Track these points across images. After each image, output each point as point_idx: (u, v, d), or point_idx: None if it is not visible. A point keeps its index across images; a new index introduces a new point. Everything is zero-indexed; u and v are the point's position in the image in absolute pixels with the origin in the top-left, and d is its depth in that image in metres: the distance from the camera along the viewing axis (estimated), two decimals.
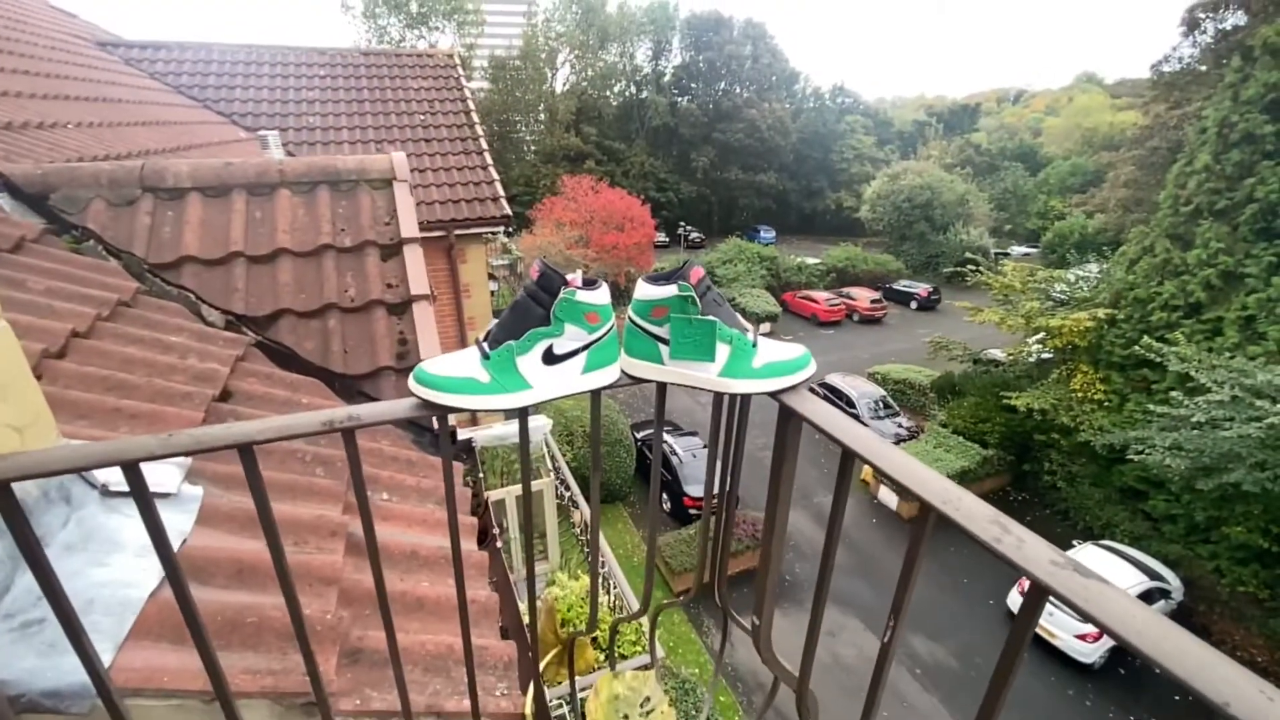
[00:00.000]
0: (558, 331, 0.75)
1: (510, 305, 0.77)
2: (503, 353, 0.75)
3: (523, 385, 0.76)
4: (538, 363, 0.76)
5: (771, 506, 0.86)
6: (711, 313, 0.77)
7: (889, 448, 0.66)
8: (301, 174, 2.55)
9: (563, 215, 21.21)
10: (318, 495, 1.45)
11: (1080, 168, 40.30)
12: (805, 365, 0.80)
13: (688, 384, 0.80)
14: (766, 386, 0.78)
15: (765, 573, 0.89)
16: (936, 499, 0.57)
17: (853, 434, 0.69)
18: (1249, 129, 10.57)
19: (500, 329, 0.77)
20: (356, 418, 0.70)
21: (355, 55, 8.95)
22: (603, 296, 0.77)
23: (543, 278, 0.75)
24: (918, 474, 0.60)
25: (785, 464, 0.81)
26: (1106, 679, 9.48)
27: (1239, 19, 16.33)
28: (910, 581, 0.63)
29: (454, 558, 0.90)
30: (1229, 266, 10.95)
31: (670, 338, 0.77)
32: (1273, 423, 8.26)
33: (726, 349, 0.78)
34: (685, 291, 0.74)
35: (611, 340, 0.80)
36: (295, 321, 2.25)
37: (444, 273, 6.98)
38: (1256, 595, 10.13)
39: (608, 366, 0.80)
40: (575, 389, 0.78)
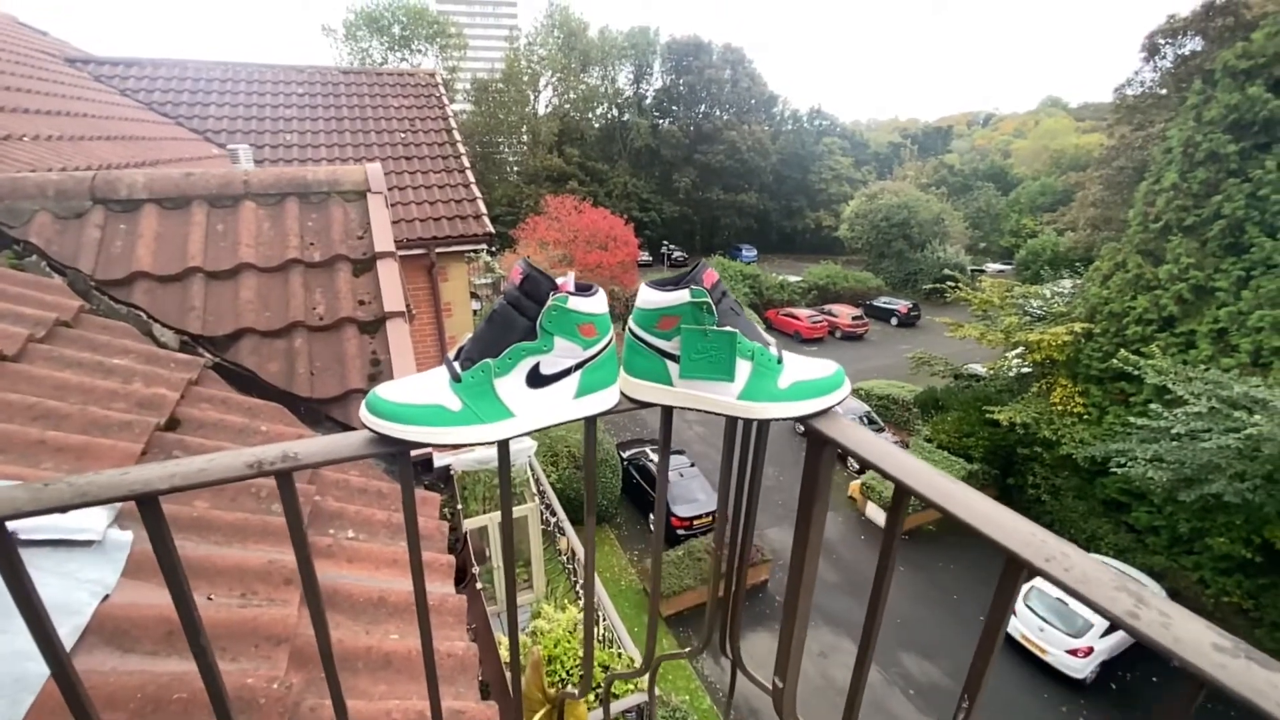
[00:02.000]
0: (546, 347, 0.62)
1: (487, 316, 0.63)
2: (478, 374, 0.61)
3: (502, 413, 0.62)
4: (521, 385, 0.62)
5: (799, 552, 0.73)
6: (729, 323, 0.64)
7: (954, 484, 0.53)
8: (268, 185, 2.40)
9: (546, 235, 21.16)
10: (272, 536, 1.28)
11: (1049, 187, 41.56)
12: (840, 385, 0.68)
13: (701, 408, 0.67)
14: (795, 410, 0.65)
15: (791, 629, 0.76)
16: (1034, 554, 0.44)
17: (906, 466, 0.56)
18: (1213, 148, 10.92)
19: (475, 344, 0.63)
20: (293, 458, 0.56)
21: (334, 73, 8.84)
22: (599, 304, 0.64)
23: (527, 281, 0.61)
24: (999, 519, 0.48)
25: (816, 503, 0.69)
26: (1098, 694, 9.40)
27: (1197, 45, 17.05)
28: (987, 665, 0.50)
29: (420, 615, 0.75)
30: (1200, 281, 11.22)
31: (680, 353, 0.64)
32: (1250, 434, 8.37)
33: (748, 366, 0.65)
34: (699, 298, 0.62)
35: (610, 357, 0.67)
36: (258, 341, 2.08)
37: (425, 291, 6.80)
38: (1240, 605, 10.19)
39: (605, 389, 0.67)
40: (566, 416, 0.65)
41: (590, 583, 0.78)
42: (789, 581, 0.75)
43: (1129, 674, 9.65)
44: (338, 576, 1.31)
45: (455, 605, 1.37)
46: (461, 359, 0.62)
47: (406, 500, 0.64)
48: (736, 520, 0.86)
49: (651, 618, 0.93)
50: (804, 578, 0.73)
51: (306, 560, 0.64)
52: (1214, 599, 10.45)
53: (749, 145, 42.75)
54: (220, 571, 1.15)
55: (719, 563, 0.90)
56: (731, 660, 1.04)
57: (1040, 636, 9.64)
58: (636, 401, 0.69)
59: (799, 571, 0.73)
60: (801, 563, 0.72)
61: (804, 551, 0.71)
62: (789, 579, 0.75)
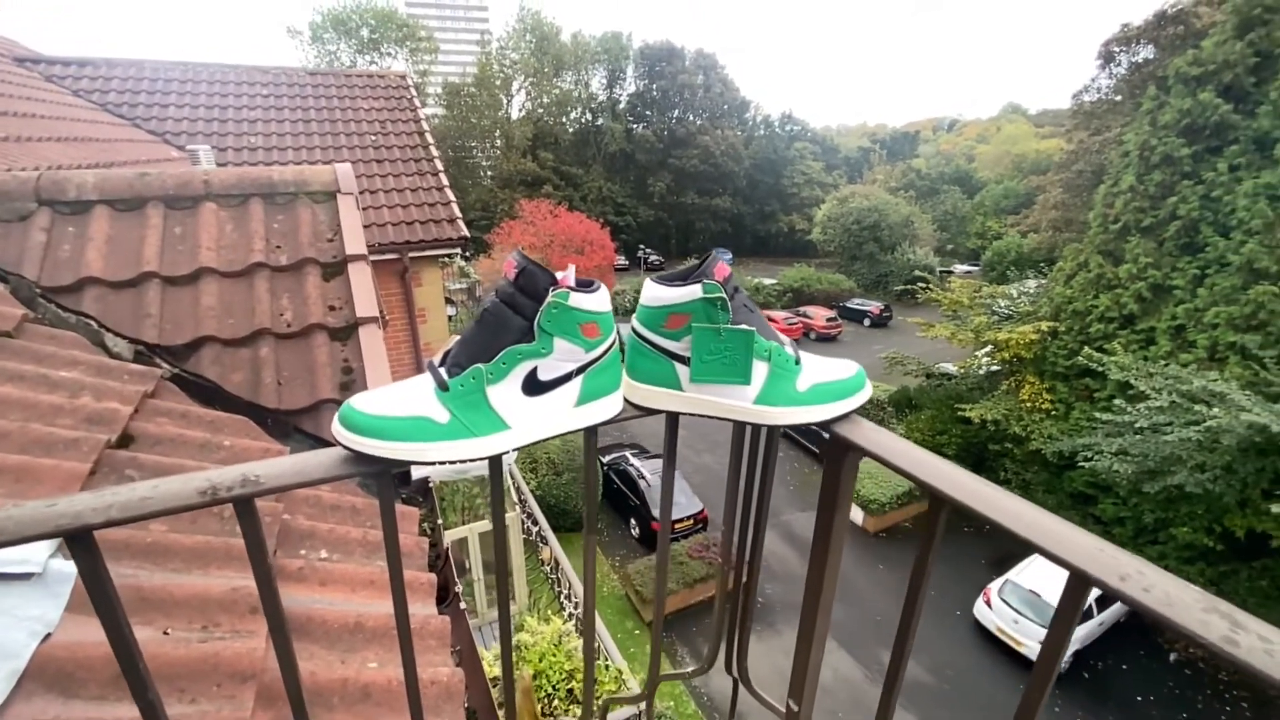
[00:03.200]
0: (544, 350, 0.55)
1: (477, 316, 0.56)
2: (468, 381, 0.54)
3: (496, 425, 0.55)
4: (516, 393, 0.56)
5: (817, 569, 0.67)
6: (743, 320, 0.59)
7: (1002, 493, 0.49)
8: (230, 186, 2.28)
9: (521, 239, 20.96)
10: (237, 561, 1.18)
11: (1012, 191, 42.80)
12: (861, 386, 0.63)
13: (713, 414, 0.61)
14: (816, 415, 0.60)
15: (808, 650, 0.70)
16: (1105, 572, 0.40)
17: (945, 474, 0.52)
18: (1167, 151, 11.35)
19: (464, 348, 0.56)
20: (255, 481, 0.48)
21: (301, 74, 8.60)
22: (603, 301, 0.57)
23: (523, 276, 0.54)
24: (1060, 533, 0.43)
25: (838, 512, 0.63)
26: (1072, 684, 9.61)
27: (1149, 52, 17.76)
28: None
29: (403, 647, 0.67)
30: (1158, 280, 11.63)
31: (691, 355, 0.58)
32: (1210, 426, 8.68)
33: (764, 368, 0.60)
34: (713, 293, 0.56)
35: (614, 360, 0.61)
36: (220, 350, 1.96)
37: (398, 296, 6.63)
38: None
39: (609, 395, 0.61)
40: (567, 426, 0.59)
41: (590, 615, 0.71)
42: (805, 600, 0.70)
43: (1100, 663, 9.89)
44: (311, 601, 1.21)
45: (438, 627, 1.29)
46: (448, 365, 0.56)
47: (387, 524, 0.57)
48: (744, 533, 0.80)
49: (655, 638, 0.87)
50: (822, 597, 0.67)
51: (272, 598, 0.57)
52: None
53: (722, 150, 43.12)
54: (178, 602, 1.05)
55: (725, 579, 0.84)
56: (734, 679, 0.98)
57: (1015, 629, 9.82)
58: (642, 409, 0.63)
59: (816, 590, 0.68)
60: (820, 581, 0.67)
61: (823, 569, 0.66)
62: (805, 598, 0.70)
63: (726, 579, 0.84)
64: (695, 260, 2.50)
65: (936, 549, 0.54)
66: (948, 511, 0.52)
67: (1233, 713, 8.93)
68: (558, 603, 5.17)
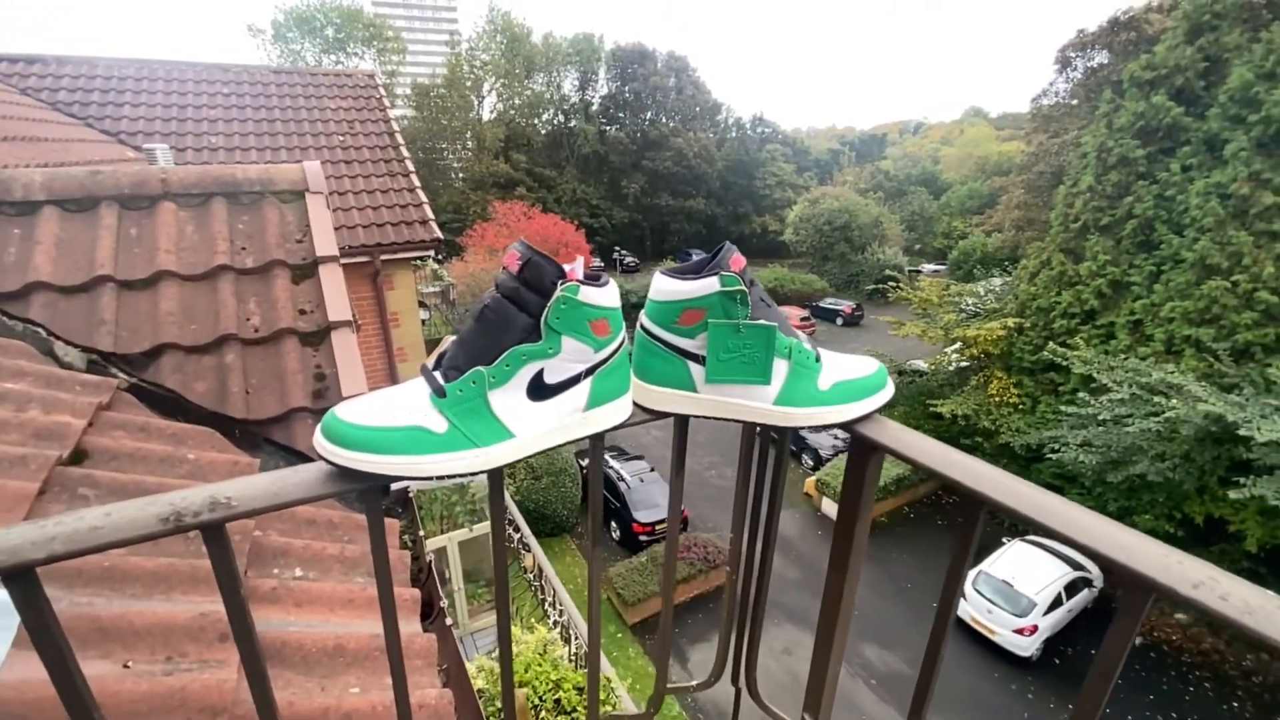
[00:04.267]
0: (551, 350, 0.50)
1: (476, 313, 0.51)
2: (467, 386, 0.49)
3: (499, 433, 0.50)
4: (521, 398, 0.51)
5: (837, 576, 0.64)
6: (762, 316, 0.55)
7: (1046, 494, 0.46)
8: (191, 185, 2.17)
9: (495, 242, 20.72)
10: (204, 584, 1.10)
11: (976, 191, 43.96)
12: (884, 384, 0.59)
13: (730, 417, 0.57)
14: (839, 415, 0.57)
15: (826, 662, 0.67)
16: (1176, 580, 0.37)
17: (982, 475, 0.48)
18: (1123, 153, 11.78)
19: (462, 349, 0.51)
20: (226, 504, 0.42)
21: (264, 73, 8.34)
22: (613, 296, 0.53)
23: (528, 268, 0.49)
24: (1120, 539, 0.40)
25: (861, 516, 0.60)
26: (1045, 670, 9.85)
27: (1104, 58, 18.42)
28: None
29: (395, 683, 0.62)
30: (1116, 276, 12.05)
31: (707, 353, 0.54)
32: (1169, 417, 9.02)
33: (784, 366, 0.56)
34: (732, 285, 0.52)
35: (623, 361, 0.56)
36: (182, 358, 1.86)
37: (369, 301, 6.46)
38: None
39: (618, 399, 0.56)
40: (576, 433, 0.54)
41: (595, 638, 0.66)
42: (824, 609, 0.67)
43: (1070, 649, 10.18)
44: (286, 624, 1.14)
45: (424, 646, 1.22)
46: (444, 368, 0.50)
47: (376, 544, 0.52)
48: (754, 541, 0.77)
49: (663, 651, 0.82)
50: (843, 605, 0.64)
51: (245, 628, 0.51)
52: None
53: (695, 152, 43.34)
54: (139, 632, 0.97)
55: (734, 588, 0.80)
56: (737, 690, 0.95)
57: (989, 618, 10.04)
58: (653, 412, 0.58)
59: (837, 597, 0.64)
60: (841, 588, 0.63)
61: (844, 575, 0.63)
62: (824, 606, 0.67)
63: (735, 588, 0.80)
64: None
65: (972, 552, 0.51)
66: (983, 512, 0.49)
67: (1196, 691, 9.28)
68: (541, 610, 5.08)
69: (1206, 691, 9.29)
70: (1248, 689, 9.30)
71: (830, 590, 0.65)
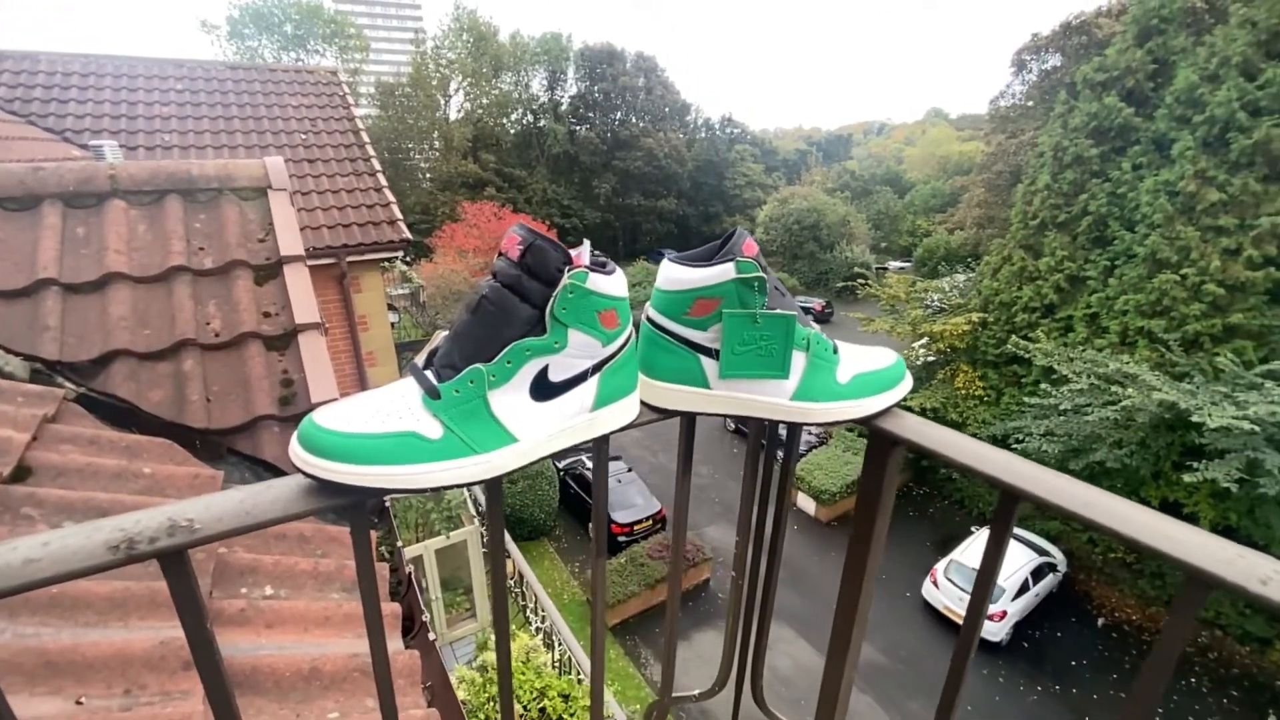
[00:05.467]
0: (557, 344, 0.46)
1: (472, 304, 0.46)
2: (464, 386, 0.44)
3: (501, 438, 0.46)
4: (524, 398, 0.46)
5: (854, 577, 0.61)
6: (778, 305, 0.51)
7: (1086, 488, 0.43)
8: (142, 181, 2.04)
9: (465, 243, 20.39)
10: (164, 609, 1.02)
11: (939, 190, 45.15)
12: (903, 376, 0.57)
13: (745, 413, 0.54)
14: (860, 410, 0.54)
15: (841, 669, 0.64)
16: (1242, 576, 0.34)
17: (1013, 468, 0.46)
18: (1078, 152, 12.21)
19: (456, 344, 0.46)
20: (187, 526, 0.37)
21: (220, 69, 8.01)
22: (621, 285, 0.49)
23: (531, 253, 0.44)
24: (1173, 533, 0.38)
25: (880, 514, 0.57)
26: (1014, 654, 10.14)
27: (1057, 60, 19.10)
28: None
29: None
30: (1073, 271, 12.49)
31: (721, 346, 0.50)
32: (1125, 405, 9.37)
33: (802, 358, 0.53)
34: (749, 272, 0.48)
35: (631, 356, 0.52)
36: (135, 365, 1.74)
37: (336, 304, 6.25)
38: (1124, 559, 11.39)
39: (626, 397, 0.52)
40: (582, 436, 0.50)
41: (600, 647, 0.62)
42: (839, 612, 0.64)
43: (1037, 633, 10.50)
44: (256, 648, 1.06)
45: (407, 664, 1.16)
46: (437, 366, 0.45)
47: (363, 568, 0.46)
48: (759, 542, 0.73)
49: (668, 661, 0.79)
50: (859, 607, 0.61)
51: (210, 658, 0.45)
52: (1101, 556, 11.61)
53: (666, 152, 43.44)
54: (93, 664, 0.89)
55: (739, 593, 0.77)
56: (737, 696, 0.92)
57: (961, 606, 10.29)
58: (661, 411, 0.54)
59: (853, 600, 0.61)
60: (858, 590, 0.60)
61: (861, 576, 0.60)
62: (839, 608, 0.64)
63: (740, 593, 0.77)
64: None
65: (1004, 552, 0.48)
66: (1018, 507, 0.47)
67: None
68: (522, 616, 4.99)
69: None
70: (1204, 664, 9.74)
71: (846, 595, 0.62)
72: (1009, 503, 0.46)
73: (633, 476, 12.77)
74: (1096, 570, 11.61)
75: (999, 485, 0.46)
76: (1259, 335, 9.70)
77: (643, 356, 0.54)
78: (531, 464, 0.48)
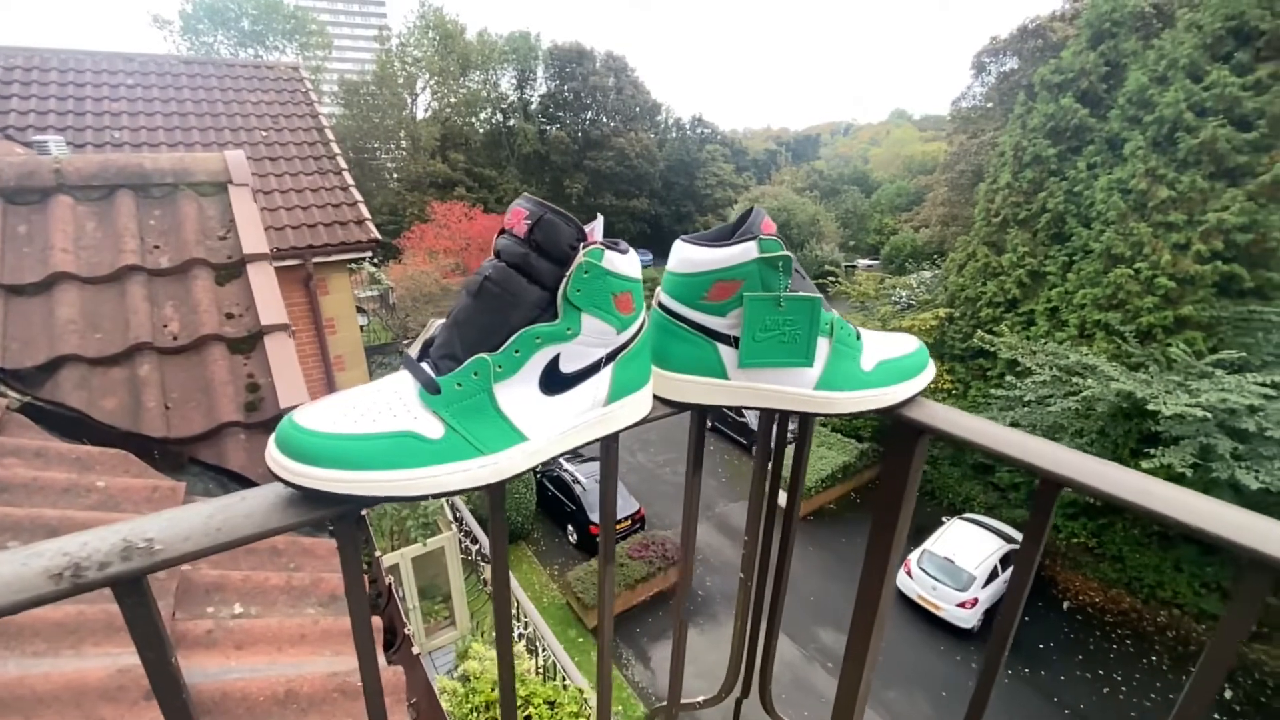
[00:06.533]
0: (569, 331, 0.41)
1: (473, 287, 0.41)
2: (468, 378, 0.39)
3: (509, 436, 0.41)
4: (533, 391, 0.41)
5: (875, 574, 0.58)
6: (799, 287, 0.48)
7: (1129, 473, 0.41)
8: (90, 176, 1.91)
9: (435, 243, 20.02)
10: (121, 634, 0.94)
11: (904, 190, 46.19)
12: (926, 363, 0.54)
13: (764, 405, 0.50)
14: (884, 398, 0.51)
15: (860, 673, 0.61)
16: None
17: (1051, 455, 0.43)
18: (1036, 152, 12.61)
19: (457, 333, 0.41)
20: (147, 547, 0.32)
21: (173, 63, 7.68)
22: (636, 265, 0.44)
23: (541, 228, 0.40)
24: (1230, 518, 0.36)
25: (904, 507, 0.54)
26: (985, 641, 10.39)
27: (1014, 63, 19.71)
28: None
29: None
30: (1034, 267, 12.90)
31: (742, 332, 0.47)
32: (1085, 395, 9.71)
33: (826, 345, 0.49)
34: (773, 251, 0.45)
35: (645, 344, 0.48)
36: (86, 372, 1.63)
37: (302, 306, 6.05)
38: (1086, 544, 11.80)
39: (640, 390, 0.48)
40: (595, 434, 0.45)
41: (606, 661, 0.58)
42: (857, 613, 0.61)
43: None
44: (225, 672, 0.99)
45: (390, 680, 1.10)
46: (434, 358, 0.40)
47: (353, 588, 0.41)
48: (768, 541, 0.70)
49: (676, 668, 0.75)
50: (880, 606, 0.58)
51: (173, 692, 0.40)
52: (1065, 541, 12.01)
53: (637, 152, 43.45)
54: (43, 698, 0.81)
55: (747, 594, 0.73)
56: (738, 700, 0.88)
57: (933, 594, 10.52)
58: (674, 404, 0.51)
59: (873, 599, 0.59)
60: (879, 588, 0.57)
61: (883, 573, 0.57)
62: (857, 609, 0.61)
63: (749, 594, 0.73)
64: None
65: (1043, 542, 0.46)
66: (1058, 495, 0.44)
67: (1119, 649, 10.04)
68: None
69: (1128, 647, 10.08)
70: (1163, 643, 10.15)
71: (866, 590, 0.59)
72: (1050, 491, 0.43)
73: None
74: (1061, 555, 12.00)
75: (1040, 473, 0.43)
76: (1208, 326, 10.15)
77: (654, 345, 0.50)
78: (543, 464, 0.43)
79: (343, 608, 1.34)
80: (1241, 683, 9.29)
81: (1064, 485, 0.43)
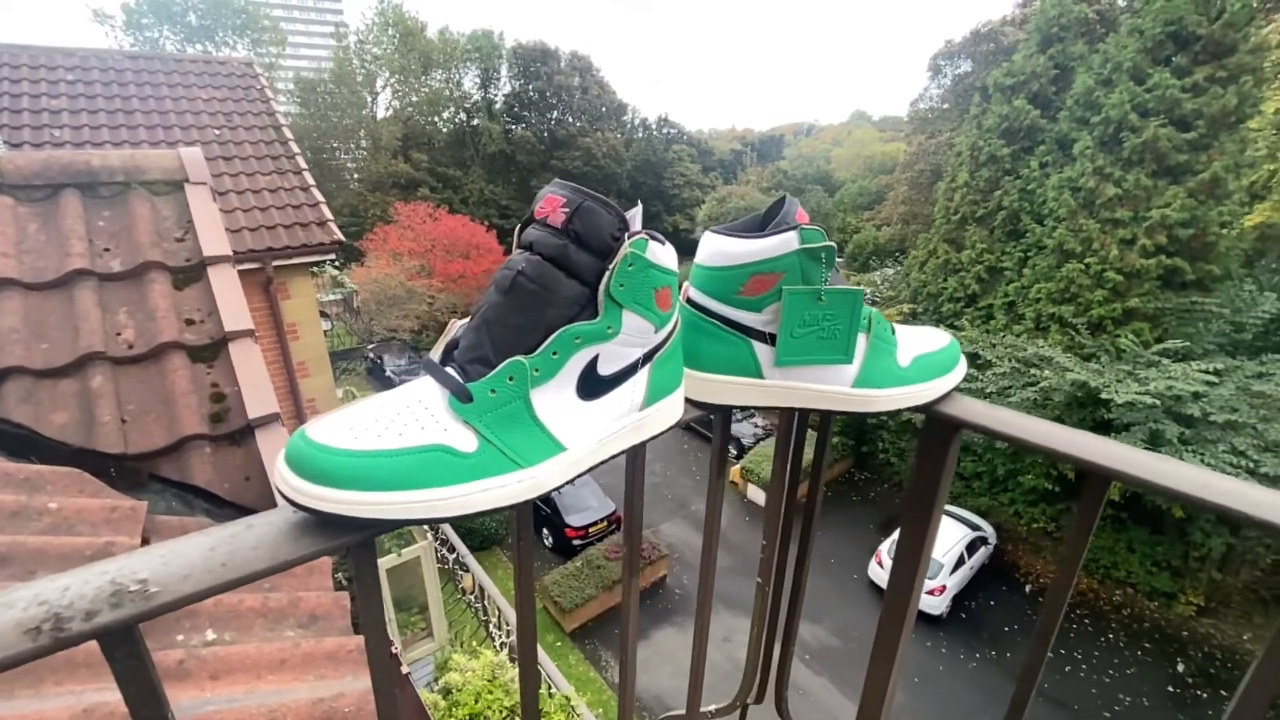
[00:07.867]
0: (610, 329, 0.38)
1: (504, 284, 0.37)
2: (502, 384, 0.36)
3: (548, 447, 0.37)
4: (571, 397, 0.38)
5: (906, 570, 0.57)
6: (834, 281, 0.46)
7: (1180, 465, 0.40)
8: (32, 175, 1.78)
9: (399, 245, 19.55)
10: (86, 669, 0.86)
11: (865, 189, 47.24)
12: (959, 357, 0.53)
13: (800, 405, 0.48)
14: (922, 395, 0.49)
15: (888, 668, 0.59)
16: None
17: (1101, 448, 0.42)
18: (992, 151, 13.05)
19: (488, 334, 0.37)
20: (140, 591, 0.27)
21: (117, 58, 7.28)
22: (674, 258, 0.41)
23: (580, 216, 0.37)
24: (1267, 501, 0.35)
25: (937, 502, 0.53)
26: (953, 626, 10.72)
27: (968, 66, 20.37)
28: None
29: None
30: (992, 263, 13.35)
31: (780, 329, 0.44)
32: (1043, 386, 10.09)
33: (864, 340, 0.47)
34: (815, 241, 0.43)
35: (679, 343, 0.45)
36: (31, 384, 1.51)
37: (263, 311, 5.81)
38: (1045, 529, 12.27)
39: (674, 393, 0.45)
40: (628, 442, 0.42)
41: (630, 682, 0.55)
42: (886, 609, 0.59)
43: (973, 603, 11.15)
44: (201, 704, 0.92)
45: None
46: (461, 362, 0.37)
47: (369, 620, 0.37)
48: (785, 545, 0.68)
49: (696, 675, 0.72)
50: (911, 602, 0.57)
51: None
52: (1026, 526, 12.46)
53: (604, 152, 43.34)
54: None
55: (765, 599, 0.71)
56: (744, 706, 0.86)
57: None
58: (705, 406, 0.48)
59: (905, 594, 0.57)
60: (911, 584, 0.56)
61: (915, 569, 0.55)
62: (886, 606, 0.59)
63: (766, 599, 0.71)
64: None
65: (1090, 534, 0.45)
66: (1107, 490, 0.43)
67: (1077, 628, 10.47)
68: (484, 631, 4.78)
69: (1086, 627, 10.51)
70: (1119, 620, 10.62)
71: (897, 585, 0.58)
72: (1099, 486, 0.42)
73: (586, 479, 12.64)
74: (1022, 541, 12.44)
75: (1089, 468, 0.42)
76: (1154, 317, 10.67)
77: (685, 343, 0.47)
78: (581, 476, 0.40)
79: (324, 628, 1.27)
80: (1192, 655, 9.79)
81: (1113, 479, 0.42)
